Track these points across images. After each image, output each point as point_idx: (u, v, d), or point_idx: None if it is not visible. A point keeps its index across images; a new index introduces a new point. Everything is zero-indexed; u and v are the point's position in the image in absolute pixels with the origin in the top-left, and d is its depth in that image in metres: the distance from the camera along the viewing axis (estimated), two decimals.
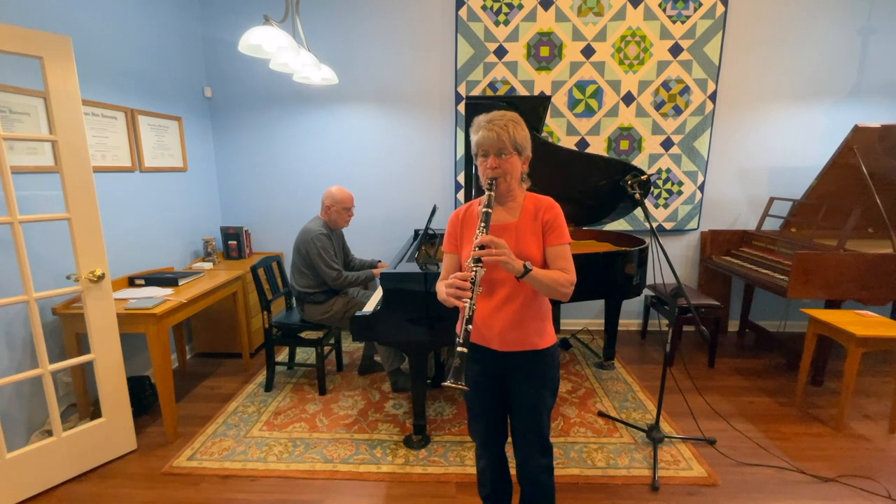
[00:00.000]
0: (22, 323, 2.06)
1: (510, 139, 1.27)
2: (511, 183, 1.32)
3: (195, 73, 3.36)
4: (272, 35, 2.03)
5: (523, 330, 1.34)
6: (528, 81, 3.38)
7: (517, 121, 1.30)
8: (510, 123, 1.27)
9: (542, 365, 1.37)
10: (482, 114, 1.33)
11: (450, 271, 1.43)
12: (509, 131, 1.26)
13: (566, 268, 1.31)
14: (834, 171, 2.98)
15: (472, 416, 1.51)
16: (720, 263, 3.42)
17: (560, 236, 1.32)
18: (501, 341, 1.35)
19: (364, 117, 3.51)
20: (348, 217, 2.79)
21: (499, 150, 1.27)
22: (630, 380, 2.93)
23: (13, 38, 1.71)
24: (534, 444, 1.42)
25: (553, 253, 1.32)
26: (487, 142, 1.27)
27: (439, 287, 1.36)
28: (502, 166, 1.28)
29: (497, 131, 1.26)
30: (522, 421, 1.41)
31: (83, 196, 1.93)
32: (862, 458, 2.15)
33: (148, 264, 2.86)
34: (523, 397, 1.39)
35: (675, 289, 2.08)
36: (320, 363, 2.74)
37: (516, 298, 1.32)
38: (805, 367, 2.58)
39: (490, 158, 1.29)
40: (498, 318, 1.34)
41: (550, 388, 1.40)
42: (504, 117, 1.28)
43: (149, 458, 2.17)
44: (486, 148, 1.28)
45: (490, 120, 1.28)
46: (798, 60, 3.32)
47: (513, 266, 1.19)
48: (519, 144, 1.29)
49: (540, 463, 1.43)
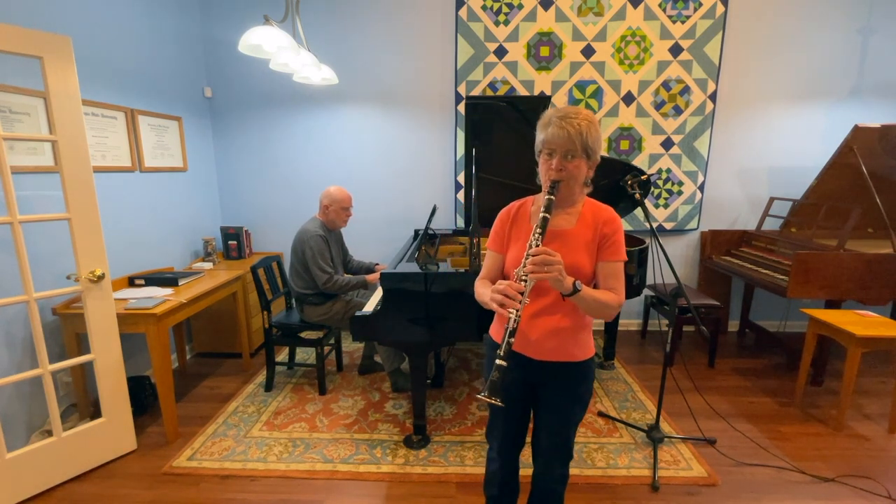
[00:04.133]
0: (22, 323, 2.06)
1: (582, 141, 1.15)
2: (573, 187, 1.22)
3: (195, 73, 3.36)
4: (272, 35, 2.03)
5: (561, 340, 1.26)
6: (528, 81, 3.38)
7: (592, 121, 1.18)
8: (584, 123, 1.15)
9: (577, 377, 1.30)
10: (551, 108, 1.21)
11: (491, 270, 1.35)
12: (583, 132, 1.15)
13: (616, 287, 1.22)
14: (834, 171, 2.98)
15: (494, 420, 1.44)
16: (720, 263, 3.42)
17: (616, 252, 1.23)
18: (538, 350, 1.27)
19: (364, 117, 3.51)
20: (346, 217, 2.79)
21: (567, 152, 1.17)
22: (630, 380, 2.93)
23: (13, 38, 1.71)
24: (558, 455, 1.38)
25: (606, 270, 1.23)
26: (557, 140, 1.16)
27: (479, 287, 1.30)
28: (567, 169, 1.18)
29: (569, 130, 1.14)
30: (550, 432, 1.35)
31: (83, 196, 1.93)
32: (862, 458, 2.15)
33: (148, 264, 2.86)
34: (554, 409, 1.33)
35: (675, 289, 2.08)
36: (320, 363, 2.74)
37: (558, 308, 1.25)
38: (805, 367, 2.58)
39: (555, 159, 1.17)
40: (536, 325, 1.26)
41: (584, 401, 1.34)
42: (579, 115, 1.16)
43: (149, 458, 2.17)
44: (553, 146, 1.17)
45: (563, 116, 1.16)
46: (798, 60, 3.32)
47: (563, 284, 1.10)
48: (590, 147, 1.18)
49: (560, 473, 1.40)
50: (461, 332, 2.09)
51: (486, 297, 1.18)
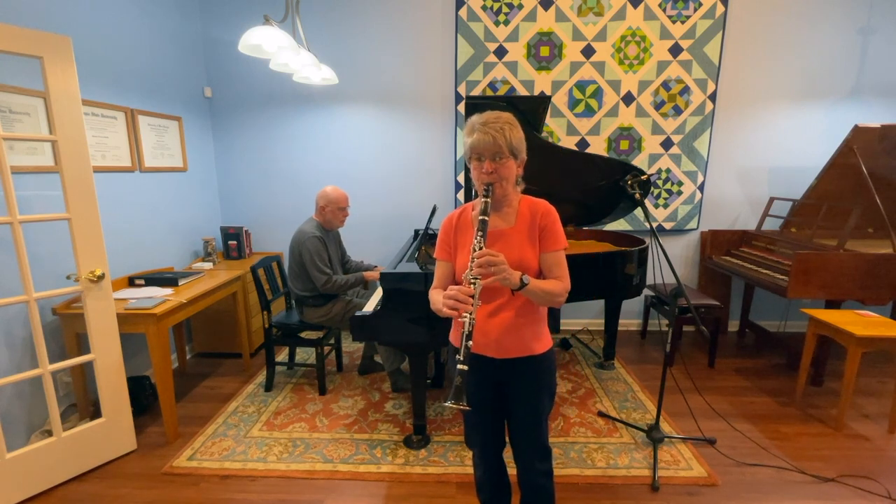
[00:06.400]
0: (22, 323, 2.06)
1: (506, 142, 1.21)
2: (507, 188, 1.28)
3: (195, 73, 3.36)
4: (272, 35, 2.03)
5: (520, 336, 1.31)
6: (528, 81, 3.38)
7: (513, 123, 1.24)
8: (506, 126, 1.22)
9: (539, 370, 1.35)
10: (474, 115, 1.26)
11: (442, 279, 1.39)
12: (505, 134, 1.21)
13: (561, 275, 1.29)
14: (834, 171, 2.98)
15: (470, 426, 1.48)
16: (720, 263, 3.42)
17: (556, 242, 1.29)
18: (498, 348, 1.32)
19: (364, 117, 3.51)
20: (343, 217, 2.78)
21: (494, 154, 1.22)
22: (630, 380, 2.93)
23: (13, 38, 1.71)
24: (534, 449, 1.41)
25: (549, 260, 1.29)
26: (482, 145, 1.21)
27: (433, 296, 1.33)
28: (498, 171, 1.23)
29: (493, 134, 1.20)
30: (522, 427, 1.39)
31: (83, 196, 1.93)
32: (862, 458, 2.15)
33: (148, 264, 2.86)
34: (522, 404, 1.37)
35: (675, 289, 2.07)
36: (320, 363, 2.74)
37: (512, 305, 1.30)
38: (805, 367, 2.58)
39: (485, 163, 1.23)
40: (493, 324, 1.31)
41: (548, 392, 1.38)
42: (499, 119, 1.23)
43: (149, 458, 2.17)
44: (480, 151, 1.23)
45: (485, 122, 1.22)
46: (798, 60, 3.32)
47: (510, 281, 1.15)
48: (515, 147, 1.24)
49: (540, 468, 1.42)
50: None
51: (439, 304, 1.22)
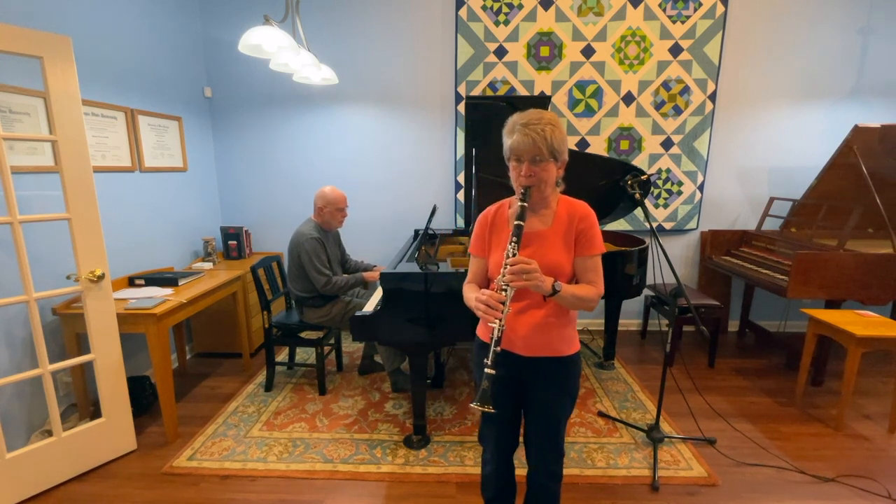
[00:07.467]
0: (22, 323, 2.06)
1: (547, 145, 1.17)
2: (545, 191, 1.24)
3: (195, 73, 3.35)
4: (272, 35, 2.03)
5: (548, 335, 1.29)
6: (528, 81, 3.38)
7: (555, 123, 1.19)
8: (548, 127, 1.17)
9: (565, 372, 1.33)
10: (516, 113, 1.22)
11: (476, 275, 1.39)
12: (546, 136, 1.16)
13: (595, 280, 1.26)
14: (834, 171, 2.98)
15: (486, 422, 1.45)
16: (720, 263, 3.42)
17: (593, 247, 1.26)
18: (525, 346, 1.30)
19: (364, 117, 3.51)
20: (342, 218, 2.78)
21: (533, 157, 1.18)
22: (630, 380, 2.93)
23: (13, 38, 1.71)
24: (550, 451, 1.39)
25: (583, 264, 1.27)
26: (522, 147, 1.18)
27: (466, 291, 1.33)
28: (537, 174, 1.20)
29: (533, 137, 1.16)
30: (541, 427, 1.37)
31: (83, 196, 1.93)
32: (862, 458, 2.15)
33: (148, 264, 2.86)
34: (544, 404, 1.35)
35: (675, 289, 2.07)
36: (320, 363, 2.74)
37: (542, 304, 1.28)
38: (805, 367, 2.58)
39: (524, 165, 1.19)
40: (523, 322, 1.29)
41: (571, 395, 1.36)
42: (542, 120, 1.18)
43: (149, 458, 2.17)
44: (519, 153, 1.19)
45: (526, 123, 1.18)
46: (798, 60, 3.32)
47: (542, 288, 1.14)
48: (556, 150, 1.19)
49: (552, 470, 1.41)
50: (461, 332, 2.09)
51: (472, 301, 1.21)
